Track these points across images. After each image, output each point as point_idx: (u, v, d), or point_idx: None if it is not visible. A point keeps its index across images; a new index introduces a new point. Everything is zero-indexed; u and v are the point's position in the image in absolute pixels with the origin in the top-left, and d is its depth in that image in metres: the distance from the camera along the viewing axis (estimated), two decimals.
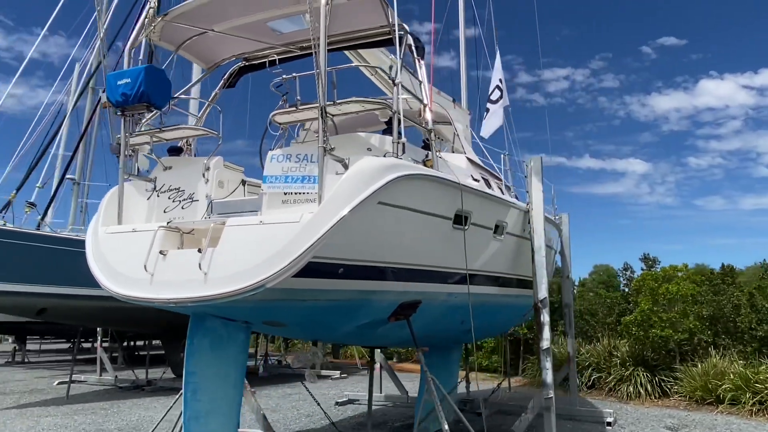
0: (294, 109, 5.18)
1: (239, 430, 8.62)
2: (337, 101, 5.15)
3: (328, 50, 6.64)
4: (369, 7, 5.85)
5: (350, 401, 12.21)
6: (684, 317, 12.87)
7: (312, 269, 4.54)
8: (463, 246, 5.99)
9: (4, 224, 11.65)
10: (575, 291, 17.12)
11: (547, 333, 6.99)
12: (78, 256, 5.96)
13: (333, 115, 5.31)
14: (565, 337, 10.99)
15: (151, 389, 14.27)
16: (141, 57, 6.25)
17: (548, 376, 7.04)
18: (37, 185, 15.69)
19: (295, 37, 6.82)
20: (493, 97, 13.06)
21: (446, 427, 5.65)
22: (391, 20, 5.75)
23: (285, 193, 5.21)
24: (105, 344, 16.05)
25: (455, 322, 7.01)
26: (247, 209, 5.39)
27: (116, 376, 15.36)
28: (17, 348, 22.86)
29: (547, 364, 7.03)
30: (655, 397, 12.65)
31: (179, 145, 6.68)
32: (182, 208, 5.73)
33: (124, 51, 6.25)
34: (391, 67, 6.96)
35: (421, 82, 6.12)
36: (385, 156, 5.18)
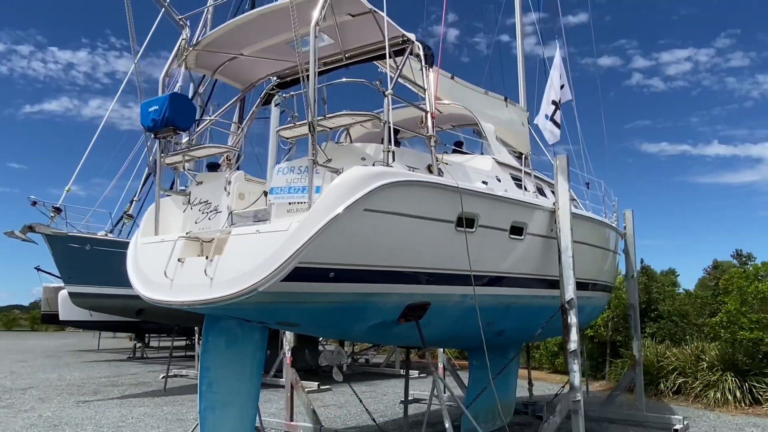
0: (293, 125, 5.59)
1: (294, 422, 9.23)
2: (328, 115, 5.50)
3: (345, 65, 7.04)
4: (372, 23, 6.14)
5: (415, 400, 12.45)
6: None
7: (301, 274, 4.90)
8: (472, 247, 6.09)
9: (106, 235, 13.08)
10: (665, 291, 16.22)
11: (574, 335, 6.87)
12: None
13: (330, 128, 5.67)
14: (638, 340, 10.55)
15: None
16: (180, 83, 6.96)
17: (576, 379, 6.92)
18: (134, 198, 17.42)
19: (319, 53, 7.24)
20: (556, 98, 12.73)
21: (448, 424, 5.77)
22: (387, 33, 5.99)
23: (290, 203, 5.61)
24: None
25: (482, 324, 7.08)
26: (260, 218, 5.85)
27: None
28: (137, 345, 25.29)
29: (575, 367, 6.91)
30: (746, 405, 11.78)
31: (220, 161, 7.33)
32: (209, 219, 6.32)
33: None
34: (380, 80, 7.20)
35: (425, 90, 6.30)
36: (374, 164, 5.45)
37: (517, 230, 6.72)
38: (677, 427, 9.47)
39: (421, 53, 6.51)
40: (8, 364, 22.29)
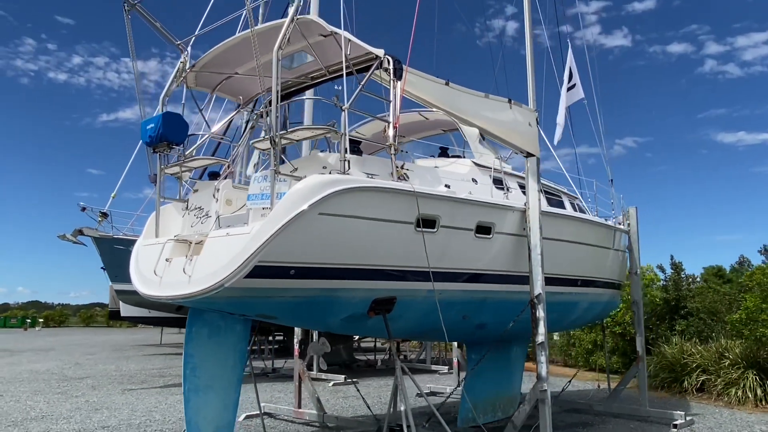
0: (264, 137, 6.23)
1: (301, 409, 9.92)
2: (289, 129, 6.13)
3: (327, 80, 7.64)
4: (346, 41, 6.71)
5: (432, 393, 12.93)
6: None
7: (262, 271, 5.54)
8: (435, 246, 6.58)
9: None
10: (694, 287, 15.96)
11: (542, 328, 7.19)
12: None
13: (297, 140, 6.30)
14: (641, 336, 10.65)
15: (274, 376, 16.27)
16: (183, 101, 7.77)
17: (543, 370, 7.25)
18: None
19: (305, 69, 7.91)
20: (567, 102, 12.90)
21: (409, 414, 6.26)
22: (352, 51, 6.55)
23: (263, 208, 6.26)
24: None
25: (456, 317, 7.53)
26: (242, 222, 6.53)
27: (250, 364, 17.61)
28: None
29: (542, 358, 7.24)
30: (766, 403, 11.61)
31: (221, 170, 8.08)
32: (201, 223, 7.06)
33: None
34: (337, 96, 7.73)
35: (390, 102, 6.79)
36: (330, 173, 6.02)
37: (484, 229, 7.12)
38: (677, 422, 9.55)
39: (391, 67, 7.02)
40: (76, 356, 24.20)
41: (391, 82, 6.96)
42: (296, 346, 10.00)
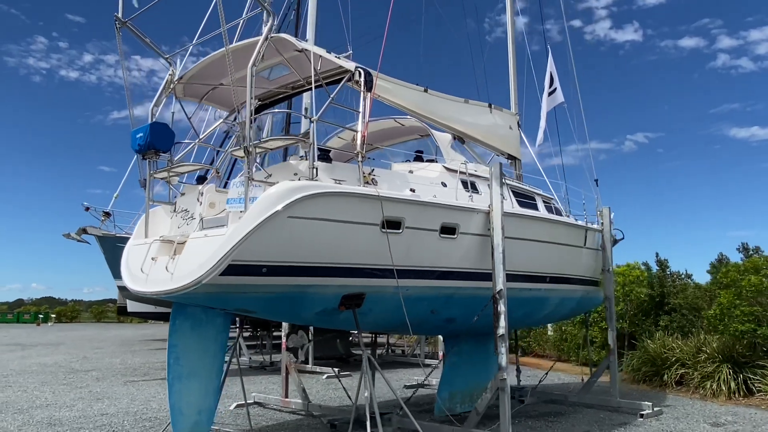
0: (240, 147, 6.80)
1: (288, 399, 10.50)
2: (262, 139, 6.71)
3: (307, 90, 8.18)
4: (310, 59, 7.26)
5: (419, 385, 13.47)
6: None
7: (236, 269, 6.11)
8: (400, 246, 7.14)
9: None
10: (678, 284, 16.39)
11: (502, 321, 7.71)
12: None
13: (271, 149, 6.87)
14: (613, 330, 11.14)
15: (272, 369, 16.89)
16: (173, 111, 8.36)
17: (503, 360, 7.76)
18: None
19: (286, 80, 8.48)
20: (548, 107, 13.40)
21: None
22: (320, 67, 7.11)
23: (241, 212, 6.83)
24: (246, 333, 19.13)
25: (424, 312, 8.08)
26: (222, 224, 7.11)
27: (250, 358, 18.29)
28: None
29: (502, 350, 7.75)
30: (740, 396, 12.06)
31: (209, 175, 8.66)
32: (187, 224, 7.64)
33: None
34: (306, 108, 8.28)
35: (359, 113, 7.33)
36: (300, 179, 6.58)
37: (448, 230, 7.65)
38: (644, 412, 10.05)
39: (362, 79, 7.56)
40: (85, 350, 24.97)
41: (361, 93, 7.50)
42: (284, 340, 10.58)
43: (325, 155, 7.10)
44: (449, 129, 10.91)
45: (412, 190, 7.38)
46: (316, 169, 6.60)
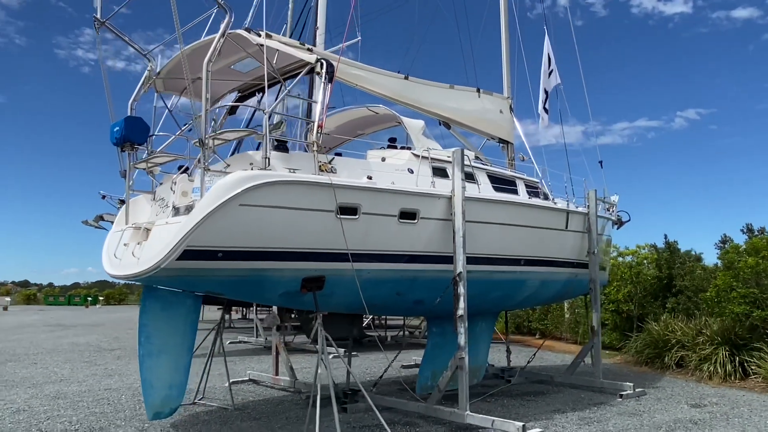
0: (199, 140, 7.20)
1: (278, 376, 11.00)
2: (218, 132, 7.10)
3: (278, 82, 8.51)
4: (267, 54, 7.59)
5: (416, 365, 13.82)
6: None
7: (191, 254, 6.54)
8: (357, 231, 7.45)
9: None
10: (689, 266, 16.15)
11: (462, 303, 7.95)
12: None
13: (228, 141, 7.26)
14: (597, 312, 11.21)
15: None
16: (155, 104, 8.84)
17: (462, 340, 8.02)
18: None
19: (258, 72, 8.83)
20: (547, 86, 13.36)
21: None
22: (276, 62, 7.42)
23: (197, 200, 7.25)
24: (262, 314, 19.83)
25: (389, 294, 8.39)
26: (189, 212, 7.55)
27: (266, 338, 18.96)
28: (227, 316, 28.56)
29: (461, 330, 8.01)
30: (736, 378, 11.97)
31: (192, 165, 9.12)
32: (163, 212, 8.13)
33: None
34: (259, 101, 8.58)
35: (316, 103, 7.62)
36: (252, 168, 6.94)
37: (408, 215, 7.92)
38: (624, 392, 10.15)
39: (323, 71, 7.86)
40: (119, 331, 26.24)
41: (321, 84, 7.80)
42: (276, 321, 11.07)
43: (282, 145, 7.44)
44: (434, 115, 11.12)
45: (369, 178, 7.65)
46: (269, 158, 6.95)
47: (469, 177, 9.45)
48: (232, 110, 9.56)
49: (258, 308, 22.44)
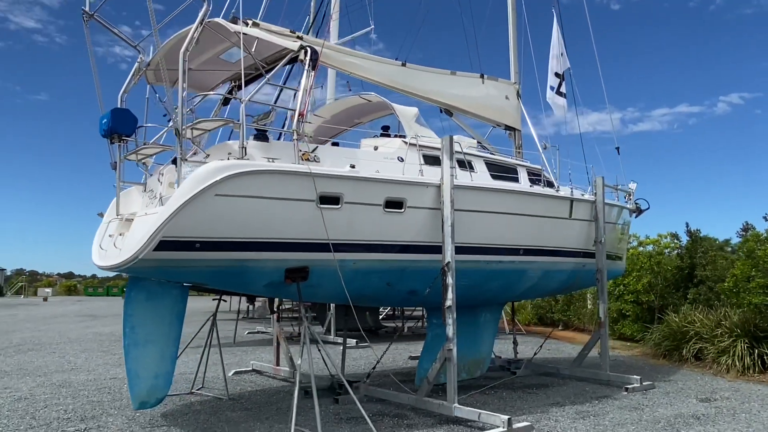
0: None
1: (279, 367, 11.01)
2: (195, 121, 7.06)
3: (269, 70, 8.41)
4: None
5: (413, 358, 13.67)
6: None
7: (168, 245, 6.52)
8: (340, 221, 7.34)
9: None
10: (708, 255, 15.55)
11: (450, 293, 7.76)
12: None
13: (208, 130, 7.22)
14: (604, 303, 10.88)
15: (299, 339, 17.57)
16: (147, 96, 8.86)
17: (450, 331, 7.85)
18: None
19: (246, 63, 8.76)
20: (558, 69, 12.94)
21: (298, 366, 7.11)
22: (256, 50, 7.33)
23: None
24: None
25: (379, 284, 8.26)
26: None
27: (283, 329, 19.04)
28: (249, 306, 28.81)
29: (450, 321, 7.83)
30: (755, 372, 11.50)
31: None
32: (152, 203, 8.16)
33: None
34: (232, 90, 8.48)
35: (297, 91, 7.50)
36: (228, 158, 6.88)
37: (394, 204, 7.75)
38: (630, 386, 9.83)
39: (307, 58, 7.74)
40: None
41: (305, 72, 7.68)
42: (275, 311, 11.07)
43: (262, 134, 7.36)
44: (435, 103, 10.89)
45: (353, 167, 7.51)
46: (245, 148, 6.88)
47: (466, 165, 9.24)
48: (225, 101, 9.52)
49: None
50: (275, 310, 10.37)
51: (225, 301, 10.04)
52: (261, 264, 7.18)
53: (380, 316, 20.77)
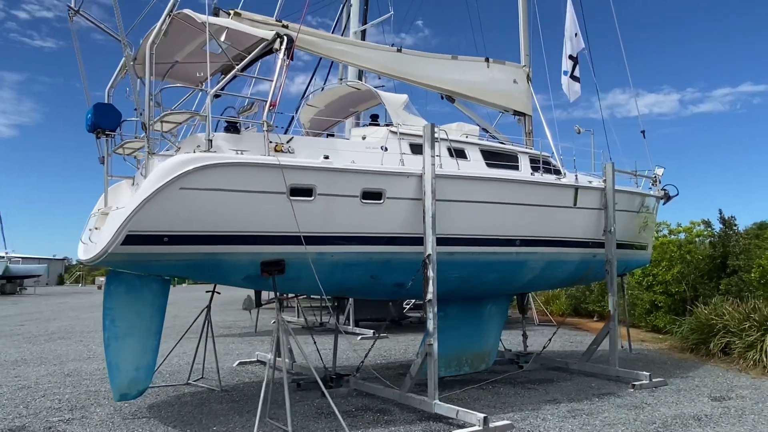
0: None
1: (279, 358, 10.99)
2: (162, 114, 7.01)
3: (255, 60, 8.27)
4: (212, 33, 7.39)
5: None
6: None
7: (135, 239, 6.53)
8: (314, 213, 7.19)
9: None
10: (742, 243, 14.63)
11: (431, 286, 7.50)
12: None
13: (180, 122, 7.18)
14: (613, 295, 10.37)
15: (320, 329, 17.62)
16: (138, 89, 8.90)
17: (431, 325, 7.59)
18: None
19: (230, 52, 8.69)
20: (572, 51, 12.37)
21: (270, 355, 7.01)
22: (219, 40, 7.22)
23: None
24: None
25: (363, 277, 8.08)
26: None
27: (305, 319, 19.15)
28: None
29: (431, 315, 7.56)
30: None
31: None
32: None
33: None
34: (201, 82, 8.31)
35: (271, 81, 7.35)
36: (195, 151, 6.80)
37: (372, 195, 7.53)
38: (639, 382, 9.35)
39: (282, 47, 7.59)
40: (185, 309, 27.37)
41: (279, 61, 7.53)
42: (262, 304, 11.03)
43: (232, 126, 7.26)
44: (434, 89, 10.58)
45: (326, 157, 7.33)
46: (211, 140, 6.80)
47: (459, 153, 8.93)
48: (218, 94, 9.45)
49: None
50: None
51: (219, 293, 10.01)
52: (235, 257, 7.12)
53: (405, 307, 20.55)
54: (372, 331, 16.27)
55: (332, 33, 15.64)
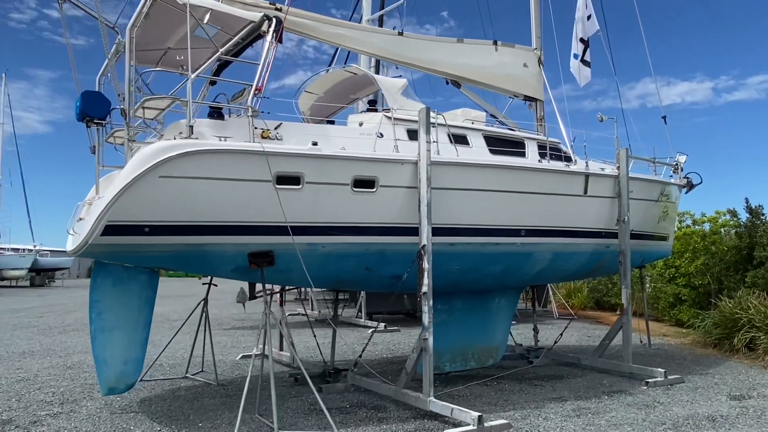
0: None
1: (282, 352, 10.80)
2: (143, 99, 6.77)
3: (248, 45, 7.99)
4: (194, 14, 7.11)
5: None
6: None
7: (115, 230, 6.32)
8: (303, 202, 6.88)
9: None
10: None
11: (426, 279, 7.14)
12: None
13: (162, 109, 6.94)
14: (627, 288, 9.87)
15: (335, 322, 17.38)
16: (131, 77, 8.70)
17: (426, 319, 7.23)
18: None
19: (222, 37, 8.41)
20: (584, 35, 11.83)
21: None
22: (202, 20, 6.93)
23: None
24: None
25: (357, 269, 7.76)
26: None
27: (319, 311, 18.95)
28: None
29: (425, 308, 7.21)
30: None
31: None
32: None
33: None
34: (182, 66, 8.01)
35: (257, 64, 7.05)
36: (175, 138, 6.54)
37: (365, 183, 7.20)
38: (653, 379, 8.88)
39: (270, 29, 7.29)
40: (188, 303, 27.45)
41: (267, 44, 7.23)
42: (277, 297, 10.80)
43: (217, 112, 6.99)
44: (439, 74, 10.19)
45: (315, 144, 7.01)
46: (191, 126, 6.53)
47: (461, 139, 8.54)
48: (214, 82, 9.22)
49: None
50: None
51: (216, 285, 9.81)
52: (221, 248, 6.86)
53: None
54: (384, 324, 15.98)
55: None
